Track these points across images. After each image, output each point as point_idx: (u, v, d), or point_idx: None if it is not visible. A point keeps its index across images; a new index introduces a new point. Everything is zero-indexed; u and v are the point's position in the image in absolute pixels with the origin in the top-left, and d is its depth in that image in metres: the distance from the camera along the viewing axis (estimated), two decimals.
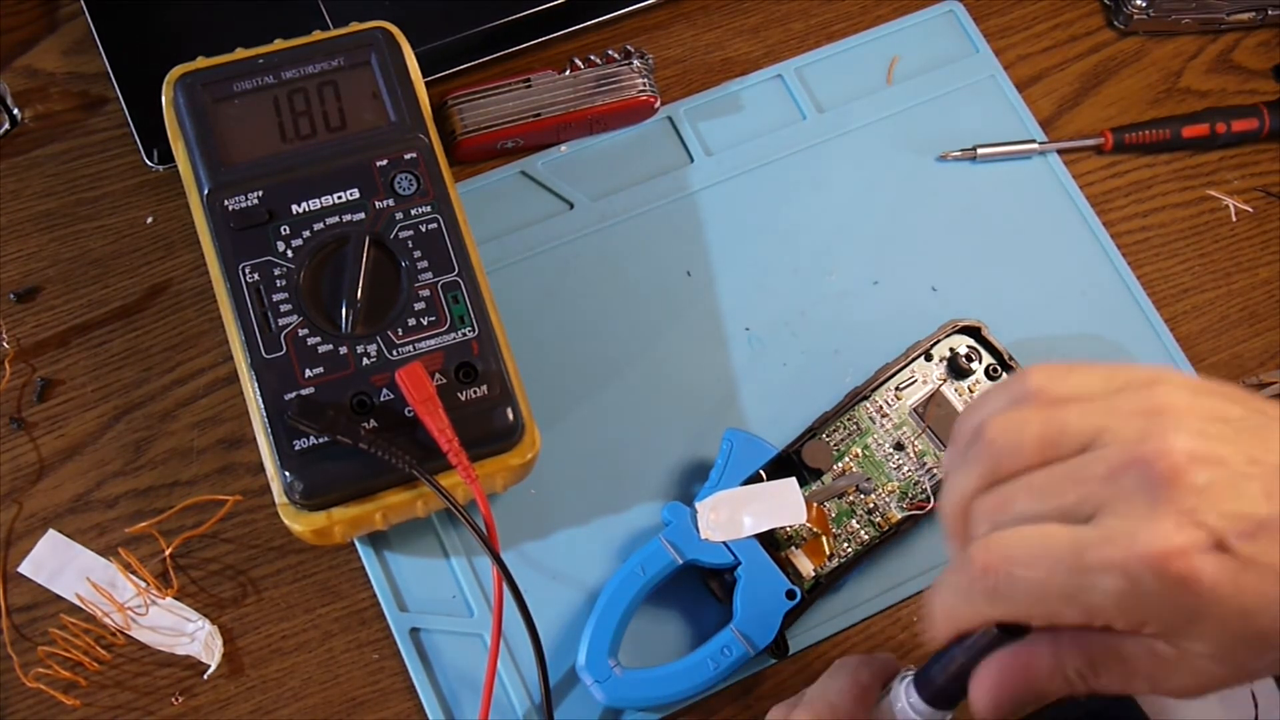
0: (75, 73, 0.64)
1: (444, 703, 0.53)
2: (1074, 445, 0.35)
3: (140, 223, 0.61)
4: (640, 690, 0.52)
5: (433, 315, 0.51)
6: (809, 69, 0.67)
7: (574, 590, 0.55)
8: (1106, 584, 0.32)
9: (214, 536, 0.55)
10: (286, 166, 0.52)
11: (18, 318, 0.59)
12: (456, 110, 0.62)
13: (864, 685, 0.46)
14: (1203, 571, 0.31)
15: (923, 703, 0.44)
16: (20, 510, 0.55)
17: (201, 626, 0.54)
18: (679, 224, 0.63)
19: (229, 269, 0.51)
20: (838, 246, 0.63)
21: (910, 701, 0.45)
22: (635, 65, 0.63)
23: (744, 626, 0.52)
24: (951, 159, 0.65)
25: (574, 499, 0.57)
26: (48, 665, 0.52)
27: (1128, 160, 0.67)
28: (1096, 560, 0.32)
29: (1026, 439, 0.35)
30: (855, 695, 0.46)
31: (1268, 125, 0.66)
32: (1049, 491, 0.35)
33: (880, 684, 0.47)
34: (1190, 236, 0.65)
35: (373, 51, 0.55)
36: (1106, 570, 0.32)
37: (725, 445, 0.55)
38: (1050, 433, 0.35)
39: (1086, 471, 0.34)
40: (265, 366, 0.49)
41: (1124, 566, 0.32)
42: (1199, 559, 0.31)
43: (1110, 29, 0.70)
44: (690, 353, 0.60)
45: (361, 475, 0.49)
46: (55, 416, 0.57)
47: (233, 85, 0.53)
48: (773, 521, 0.54)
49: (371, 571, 0.55)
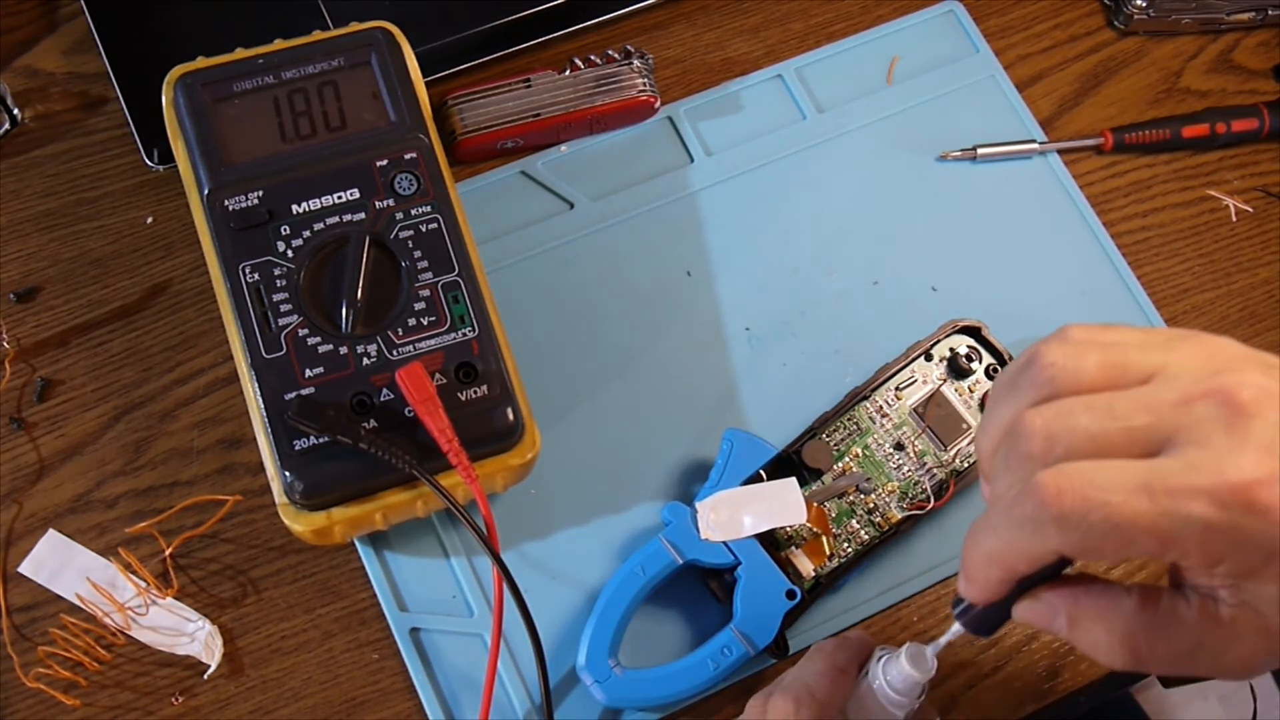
0: (75, 73, 0.64)
1: (444, 703, 0.53)
2: (1137, 376, 0.34)
3: (140, 223, 0.61)
4: (640, 690, 0.52)
5: (433, 315, 0.51)
6: (809, 69, 0.67)
7: (574, 590, 0.55)
8: (1192, 511, 0.31)
9: (214, 536, 0.55)
10: (286, 166, 0.52)
11: (18, 318, 0.59)
12: (456, 110, 0.62)
13: (840, 667, 0.46)
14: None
15: (900, 680, 0.44)
16: (20, 510, 0.55)
17: (201, 626, 0.54)
18: (679, 224, 0.63)
19: (229, 269, 0.51)
20: (838, 246, 0.63)
21: (888, 679, 0.45)
22: (635, 65, 0.63)
23: (744, 626, 0.52)
24: (951, 159, 0.65)
25: (574, 499, 0.57)
26: (48, 665, 0.52)
27: (1128, 160, 0.67)
28: (1182, 486, 0.31)
29: (1088, 364, 0.34)
30: (832, 677, 0.46)
31: (1268, 125, 0.66)
32: (1116, 412, 0.33)
33: (857, 665, 0.47)
34: (1190, 236, 0.65)
35: (373, 51, 0.55)
36: (1193, 497, 0.31)
37: (725, 445, 0.55)
38: (1113, 361, 0.34)
39: (1157, 398, 0.33)
40: (265, 366, 0.49)
41: (1212, 494, 0.31)
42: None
43: (1110, 29, 0.70)
44: (690, 353, 0.60)
45: (361, 475, 0.49)
46: (55, 416, 0.57)
47: (233, 85, 0.53)
48: (773, 521, 0.54)
49: (371, 571, 0.55)
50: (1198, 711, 1.16)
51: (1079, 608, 0.36)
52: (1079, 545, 0.33)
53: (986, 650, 0.56)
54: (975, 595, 0.37)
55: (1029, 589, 0.37)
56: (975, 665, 0.55)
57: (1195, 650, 0.35)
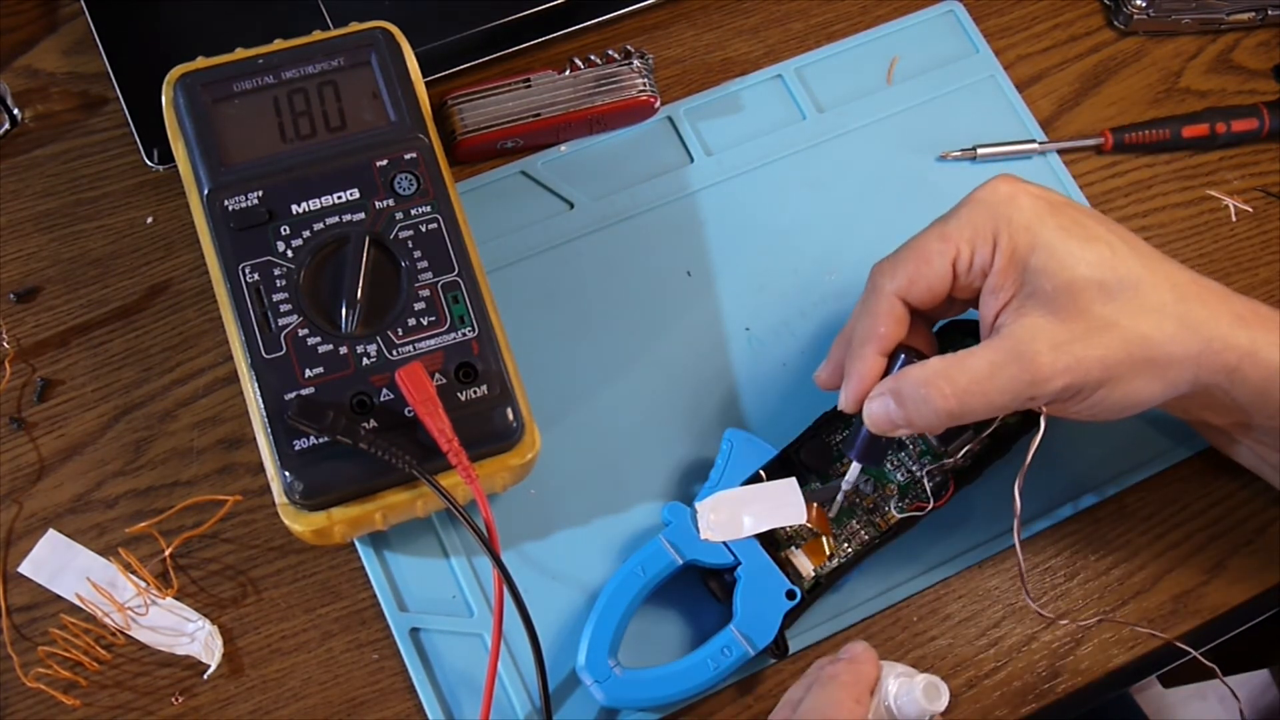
0: (75, 73, 0.64)
1: (444, 703, 0.53)
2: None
3: (140, 223, 0.61)
4: (640, 690, 0.52)
5: (433, 315, 0.51)
6: (809, 69, 0.67)
7: (574, 590, 0.55)
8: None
9: (214, 536, 0.55)
10: (286, 166, 0.52)
11: (18, 318, 0.59)
12: (456, 110, 0.62)
13: (856, 698, 0.47)
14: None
15: (913, 711, 0.46)
16: (20, 510, 0.55)
17: (201, 626, 0.54)
18: (679, 224, 0.63)
19: (229, 269, 0.51)
20: (838, 246, 0.63)
21: (898, 704, 0.46)
22: (635, 65, 0.63)
23: (744, 626, 0.52)
24: (951, 159, 0.65)
25: (574, 499, 0.57)
26: (48, 665, 0.52)
27: (1128, 160, 0.67)
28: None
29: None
30: (849, 709, 0.46)
31: (1268, 125, 0.66)
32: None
33: (870, 688, 0.47)
34: (1190, 236, 0.65)
35: (373, 51, 0.55)
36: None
37: (725, 445, 0.55)
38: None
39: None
40: (265, 366, 0.49)
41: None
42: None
43: (1110, 29, 0.70)
44: (690, 353, 0.60)
45: (361, 475, 0.49)
46: (55, 416, 0.57)
47: (233, 85, 0.53)
48: (773, 521, 0.54)
49: (371, 571, 0.55)
50: (1197, 711, 1.16)
51: (897, 381, 0.49)
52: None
53: (986, 650, 0.56)
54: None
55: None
56: (975, 665, 0.55)
57: (994, 373, 0.47)
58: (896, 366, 0.50)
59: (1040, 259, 0.47)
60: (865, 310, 0.51)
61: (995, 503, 0.57)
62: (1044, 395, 0.47)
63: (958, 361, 0.47)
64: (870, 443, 0.52)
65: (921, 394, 0.47)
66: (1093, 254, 0.47)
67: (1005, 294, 0.49)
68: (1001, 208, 0.49)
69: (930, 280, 0.50)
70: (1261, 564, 0.58)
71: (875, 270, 0.52)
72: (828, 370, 0.53)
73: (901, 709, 0.46)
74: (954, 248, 0.49)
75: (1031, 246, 0.48)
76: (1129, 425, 0.59)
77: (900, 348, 0.50)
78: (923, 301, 0.50)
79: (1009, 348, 0.47)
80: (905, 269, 0.50)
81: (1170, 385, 0.48)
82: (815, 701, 0.47)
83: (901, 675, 0.47)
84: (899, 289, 0.50)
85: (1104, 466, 0.59)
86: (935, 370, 0.48)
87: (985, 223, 0.49)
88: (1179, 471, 0.59)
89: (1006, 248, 0.48)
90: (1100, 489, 0.59)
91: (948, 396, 0.47)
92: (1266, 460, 0.54)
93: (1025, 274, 0.48)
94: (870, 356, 0.50)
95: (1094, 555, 0.58)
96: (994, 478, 0.56)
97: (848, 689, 0.46)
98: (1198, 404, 0.51)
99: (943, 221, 0.51)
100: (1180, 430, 0.60)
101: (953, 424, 0.48)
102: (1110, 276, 0.47)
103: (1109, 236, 0.48)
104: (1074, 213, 0.49)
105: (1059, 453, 0.59)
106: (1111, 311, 0.47)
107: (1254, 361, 0.48)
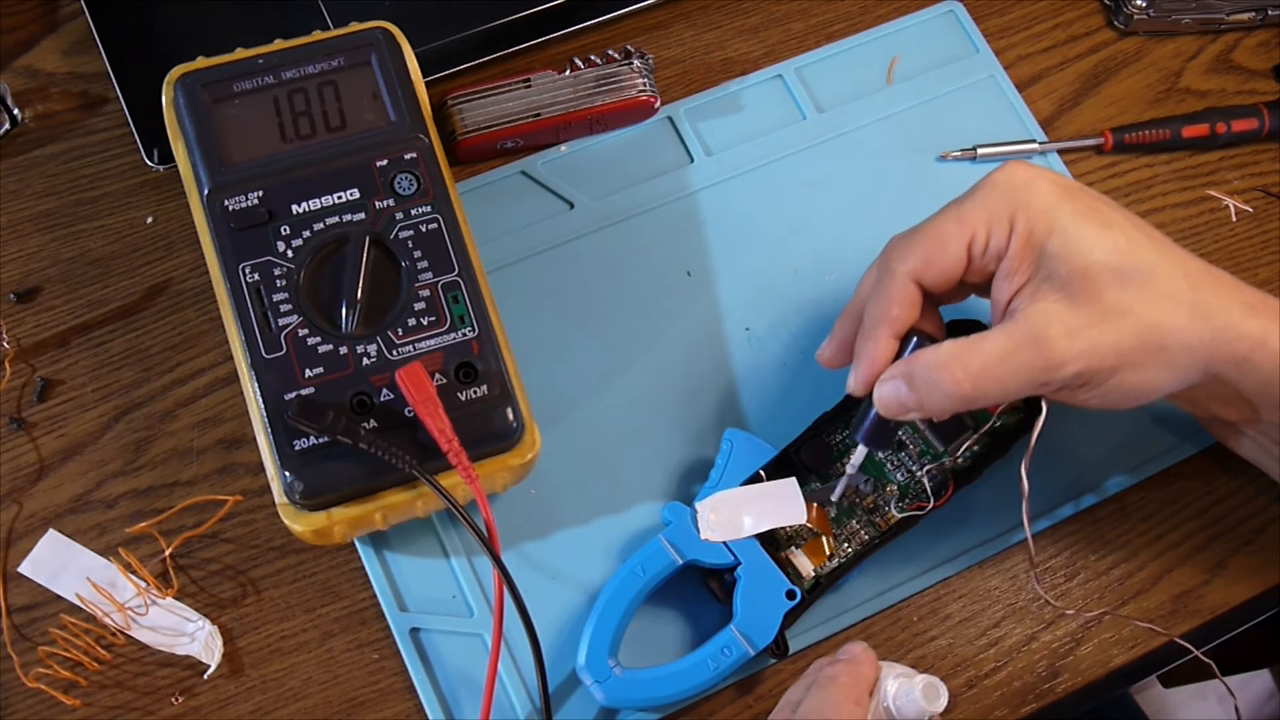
0: (75, 73, 0.64)
1: (444, 703, 0.53)
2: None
3: (140, 223, 0.61)
4: (640, 690, 0.52)
5: (433, 315, 0.51)
6: (809, 69, 0.67)
7: (574, 590, 0.55)
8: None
9: (214, 536, 0.55)
10: (286, 166, 0.52)
11: (18, 318, 0.59)
12: (456, 110, 0.62)
13: (856, 700, 0.47)
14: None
15: (912, 711, 0.46)
16: (20, 510, 0.55)
17: (201, 626, 0.54)
18: (679, 224, 0.63)
19: (229, 269, 0.51)
20: (838, 246, 0.63)
21: (898, 705, 0.47)
22: (635, 65, 0.63)
23: (744, 626, 0.52)
24: (952, 159, 0.65)
25: (574, 499, 0.57)
26: (48, 665, 0.52)
27: (1128, 160, 0.67)
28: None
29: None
30: (849, 710, 0.46)
31: (1268, 125, 0.66)
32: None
33: (869, 689, 0.47)
34: (1190, 236, 0.65)
35: (373, 51, 0.55)
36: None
37: (725, 445, 0.55)
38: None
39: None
40: (265, 366, 0.49)
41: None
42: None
43: (1110, 29, 0.70)
44: (690, 353, 0.60)
45: (361, 475, 0.49)
46: (55, 416, 0.57)
47: (233, 85, 0.53)
48: (773, 521, 0.54)
49: (371, 571, 0.55)
50: (1198, 711, 1.16)
51: (910, 365, 0.48)
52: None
53: (986, 650, 0.56)
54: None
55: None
56: (975, 665, 0.55)
57: (1008, 357, 0.47)
58: (908, 350, 0.50)
59: (1057, 243, 0.47)
60: (878, 292, 0.51)
61: (995, 502, 0.57)
62: (1057, 380, 0.47)
63: (971, 345, 0.47)
64: (878, 426, 0.51)
65: (934, 378, 0.47)
66: (1109, 240, 0.47)
67: (1020, 278, 0.48)
68: (1019, 192, 0.49)
69: (945, 263, 0.50)
70: (1262, 564, 0.58)
71: (889, 249, 0.51)
72: (831, 348, 0.53)
73: (900, 710, 0.46)
74: (970, 230, 0.49)
75: (1049, 230, 0.48)
76: (1129, 424, 0.59)
77: (912, 331, 0.50)
78: (935, 284, 0.50)
79: (1024, 331, 0.47)
80: (920, 251, 0.50)
81: (1181, 374, 0.48)
82: (814, 702, 0.47)
83: (900, 676, 0.47)
84: (913, 271, 0.50)
85: (1104, 466, 0.59)
86: (949, 354, 0.47)
87: (1002, 206, 0.49)
88: (1179, 471, 0.59)
89: (1023, 231, 0.48)
90: (1100, 489, 0.59)
91: (961, 381, 0.47)
92: (1269, 454, 0.54)
93: (1041, 258, 0.48)
94: (883, 339, 0.50)
95: (1094, 555, 0.58)
96: (993, 478, 0.56)
97: (847, 690, 0.47)
98: (1206, 394, 0.51)
99: (958, 204, 0.50)
100: (1180, 430, 0.60)
101: (964, 409, 0.48)
102: (1125, 263, 0.47)
103: (1124, 223, 0.48)
104: (1090, 199, 0.49)
105: (1059, 452, 0.59)
106: (1126, 298, 0.47)
107: (1265, 351, 0.48)
